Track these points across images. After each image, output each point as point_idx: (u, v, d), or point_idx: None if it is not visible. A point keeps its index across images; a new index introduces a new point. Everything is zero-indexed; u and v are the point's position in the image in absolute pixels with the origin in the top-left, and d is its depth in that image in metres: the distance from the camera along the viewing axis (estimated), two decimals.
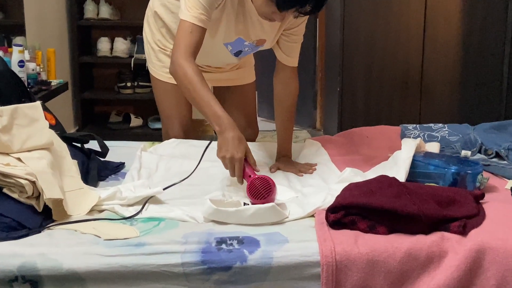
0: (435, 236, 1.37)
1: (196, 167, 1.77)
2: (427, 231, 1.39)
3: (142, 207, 1.53)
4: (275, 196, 1.60)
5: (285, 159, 2.00)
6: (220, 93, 2.25)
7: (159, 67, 2.20)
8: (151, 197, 1.57)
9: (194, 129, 2.54)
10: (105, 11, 4.13)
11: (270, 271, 1.32)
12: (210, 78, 2.13)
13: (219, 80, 2.25)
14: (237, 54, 2.05)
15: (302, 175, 1.88)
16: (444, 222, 1.41)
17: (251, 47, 2.02)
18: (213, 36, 1.91)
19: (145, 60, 2.31)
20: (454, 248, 1.35)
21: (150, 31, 2.20)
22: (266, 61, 2.69)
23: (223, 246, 1.35)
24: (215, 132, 1.72)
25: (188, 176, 1.74)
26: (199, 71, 1.76)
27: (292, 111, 2.06)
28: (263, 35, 1.95)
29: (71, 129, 4.01)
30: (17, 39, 3.06)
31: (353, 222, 1.41)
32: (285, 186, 1.75)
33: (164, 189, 1.62)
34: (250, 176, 1.64)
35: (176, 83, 1.80)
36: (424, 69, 3.84)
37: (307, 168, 1.92)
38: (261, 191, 1.58)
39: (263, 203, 1.50)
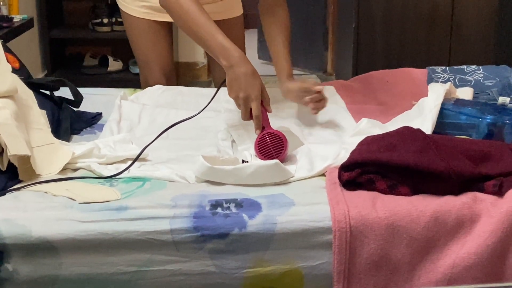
0: (466, 197, 1.38)
1: (205, 107, 1.73)
2: (457, 191, 1.39)
3: (129, 167, 1.52)
4: (285, 157, 1.60)
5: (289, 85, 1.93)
6: None
7: (130, 1, 2.16)
8: (138, 156, 1.56)
9: (182, 74, 2.52)
10: None
11: (273, 238, 1.33)
12: None
13: None
14: None
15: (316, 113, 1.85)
16: (477, 181, 1.41)
17: None
18: None
19: None
20: (489, 211, 1.36)
21: None
22: None
23: (219, 210, 1.36)
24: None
25: (189, 118, 1.70)
26: None
27: (287, 45, 1.99)
28: None
29: (38, 74, 3.99)
30: None
31: (370, 182, 1.41)
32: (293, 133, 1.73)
33: (150, 143, 1.61)
34: (263, 127, 1.64)
35: (152, 18, 1.76)
36: (455, 1, 3.79)
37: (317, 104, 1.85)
38: (271, 149, 1.59)
39: None
